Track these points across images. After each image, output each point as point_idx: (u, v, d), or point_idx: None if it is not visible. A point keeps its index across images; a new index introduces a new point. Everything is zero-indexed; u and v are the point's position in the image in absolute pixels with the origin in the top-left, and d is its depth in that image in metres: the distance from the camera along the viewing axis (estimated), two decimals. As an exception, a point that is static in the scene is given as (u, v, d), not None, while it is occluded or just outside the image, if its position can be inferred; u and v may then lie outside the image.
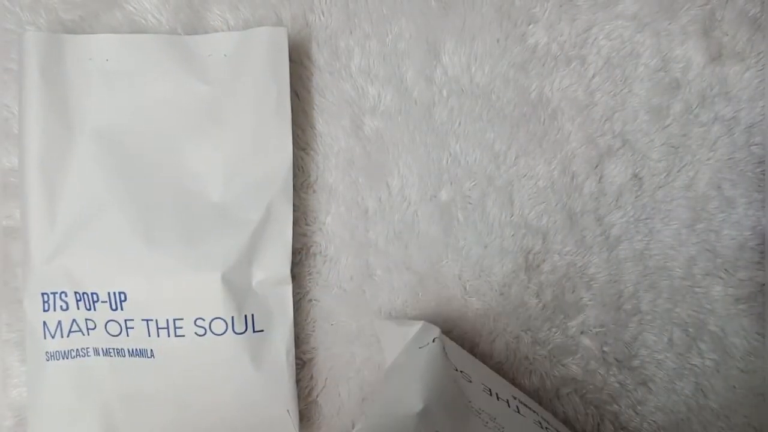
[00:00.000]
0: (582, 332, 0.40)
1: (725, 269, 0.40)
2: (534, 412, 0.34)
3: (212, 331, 0.34)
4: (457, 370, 0.31)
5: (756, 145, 0.40)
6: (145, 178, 0.35)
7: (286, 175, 0.36)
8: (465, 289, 0.40)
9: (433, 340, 0.33)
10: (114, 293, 0.34)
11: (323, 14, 0.39)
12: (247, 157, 0.36)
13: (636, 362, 0.40)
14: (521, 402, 0.34)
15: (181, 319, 0.34)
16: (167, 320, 0.34)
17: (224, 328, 0.35)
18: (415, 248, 0.40)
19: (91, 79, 0.35)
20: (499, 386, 0.34)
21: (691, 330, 0.40)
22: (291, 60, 0.39)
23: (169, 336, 0.34)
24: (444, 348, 0.33)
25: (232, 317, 0.35)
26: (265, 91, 0.36)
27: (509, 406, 0.32)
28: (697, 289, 0.40)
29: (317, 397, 0.39)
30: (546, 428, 0.32)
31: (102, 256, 0.34)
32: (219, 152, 0.36)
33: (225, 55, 0.36)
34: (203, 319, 0.34)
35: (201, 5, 0.38)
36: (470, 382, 0.31)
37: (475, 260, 0.40)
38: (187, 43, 0.36)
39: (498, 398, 0.32)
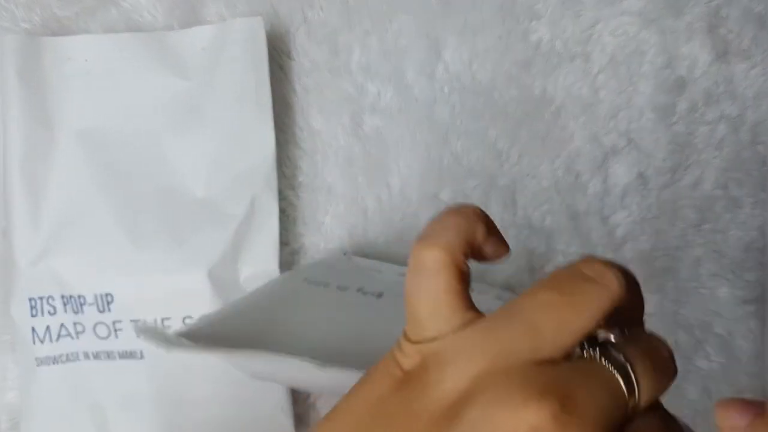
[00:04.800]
0: (586, 334, 0.40)
1: (732, 270, 0.40)
2: None
3: None
4: (368, 268, 0.35)
5: (762, 143, 0.40)
6: (128, 177, 0.35)
7: (269, 168, 0.36)
8: (467, 290, 0.40)
9: (344, 254, 0.36)
10: (101, 295, 0.34)
11: (322, 10, 0.38)
12: (229, 151, 0.36)
13: (641, 365, 0.40)
14: None
15: (169, 318, 0.34)
16: (155, 320, 0.34)
17: None
18: (416, 249, 0.39)
19: (71, 80, 0.35)
20: None
21: (697, 332, 0.40)
22: (289, 57, 0.39)
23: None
24: (350, 257, 0.36)
25: None
26: (244, 83, 0.36)
27: None
28: (703, 291, 0.40)
29: (315, 400, 0.39)
30: None
31: (87, 257, 0.34)
32: (201, 147, 0.36)
33: (203, 49, 0.36)
34: (191, 317, 0.34)
35: (197, 1, 0.38)
36: (380, 272, 0.34)
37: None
38: (165, 40, 0.36)
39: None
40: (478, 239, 0.18)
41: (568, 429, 0.15)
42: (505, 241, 0.19)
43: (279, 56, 0.38)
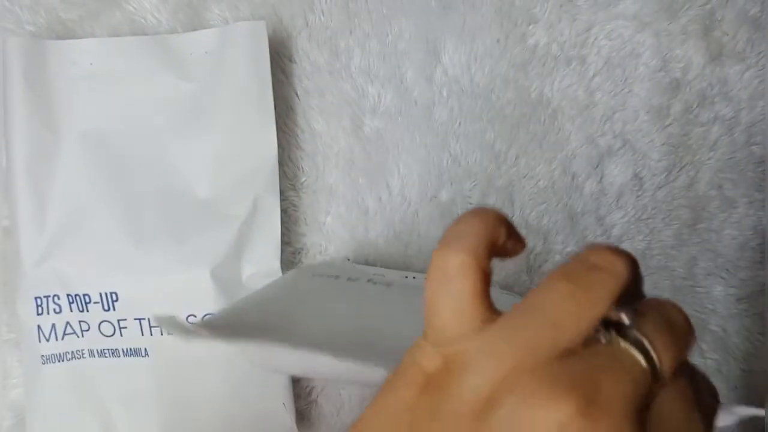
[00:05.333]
0: (583, 332, 0.40)
1: (726, 269, 0.40)
2: None
3: None
4: (372, 272, 0.35)
5: (756, 144, 0.40)
6: (131, 178, 0.35)
7: (271, 169, 0.36)
8: (465, 289, 0.40)
9: (347, 259, 0.36)
10: (106, 294, 0.34)
11: (323, 14, 0.39)
12: (232, 153, 0.36)
13: (637, 362, 0.40)
14: None
15: (173, 316, 0.35)
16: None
17: None
18: (416, 249, 0.40)
19: (76, 83, 0.36)
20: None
21: (692, 330, 0.40)
22: (291, 61, 0.39)
23: (162, 334, 0.35)
24: (353, 264, 0.37)
25: None
26: (247, 85, 0.36)
27: None
28: (698, 289, 0.40)
29: (317, 396, 0.39)
30: None
31: (92, 257, 0.34)
32: (204, 149, 0.36)
33: (206, 53, 0.36)
34: (195, 316, 0.35)
35: (200, 5, 0.38)
36: (383, 276, 0.35)
37: (476, 260, 0.40)
38: (169, 43, 0.36)
39: (414, 278, 0.35)
40: (499, 241, 0.18)
41: (596, 421, 0.15)
42: (522, 237, 0.20)
43: (281, 59, 0.39)
